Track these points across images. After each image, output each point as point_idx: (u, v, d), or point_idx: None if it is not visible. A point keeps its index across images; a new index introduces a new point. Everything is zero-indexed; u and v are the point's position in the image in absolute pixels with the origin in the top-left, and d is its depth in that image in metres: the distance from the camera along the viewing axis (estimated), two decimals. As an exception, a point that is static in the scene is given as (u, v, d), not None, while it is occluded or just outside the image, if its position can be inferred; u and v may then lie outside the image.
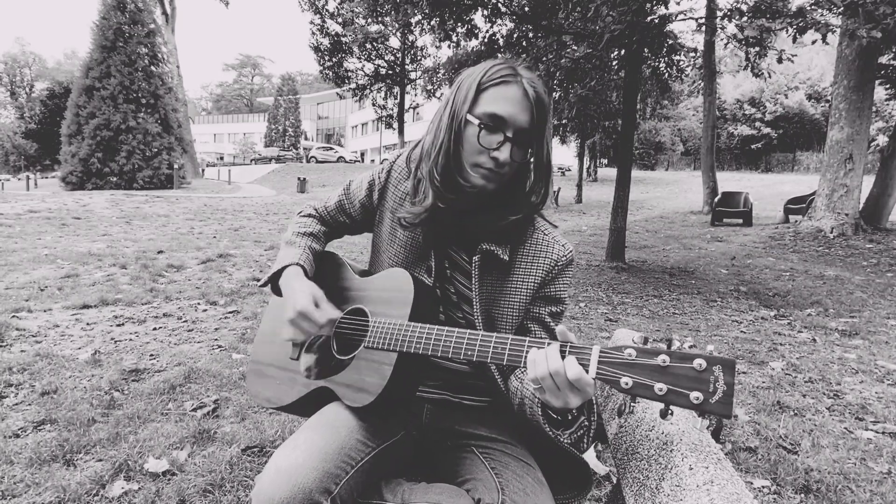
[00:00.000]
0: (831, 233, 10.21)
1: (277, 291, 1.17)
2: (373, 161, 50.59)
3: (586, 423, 0.92)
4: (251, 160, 48.04)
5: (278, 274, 1.15)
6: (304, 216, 1.31)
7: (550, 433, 0.93)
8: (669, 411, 0.76)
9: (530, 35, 8.55)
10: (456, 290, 1.12)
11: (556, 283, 1.10)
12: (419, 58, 31.02)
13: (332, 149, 44.85)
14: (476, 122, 0.98)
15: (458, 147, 1.02)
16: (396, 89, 32.35)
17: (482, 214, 1.06)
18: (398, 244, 1.17)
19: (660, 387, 0.74)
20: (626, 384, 0.77)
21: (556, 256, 1.10)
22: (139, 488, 1.82)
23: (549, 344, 0.86)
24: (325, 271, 1.26)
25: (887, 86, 12.82)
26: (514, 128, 0.98)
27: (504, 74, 0.98)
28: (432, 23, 8.80)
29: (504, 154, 0.97)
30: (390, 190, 1.19)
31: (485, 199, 1.06)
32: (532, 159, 1.03)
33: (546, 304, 1.11)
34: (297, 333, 1.06)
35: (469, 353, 0.91)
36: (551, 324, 1.11)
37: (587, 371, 0.80)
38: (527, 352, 0.87)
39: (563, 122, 24.87)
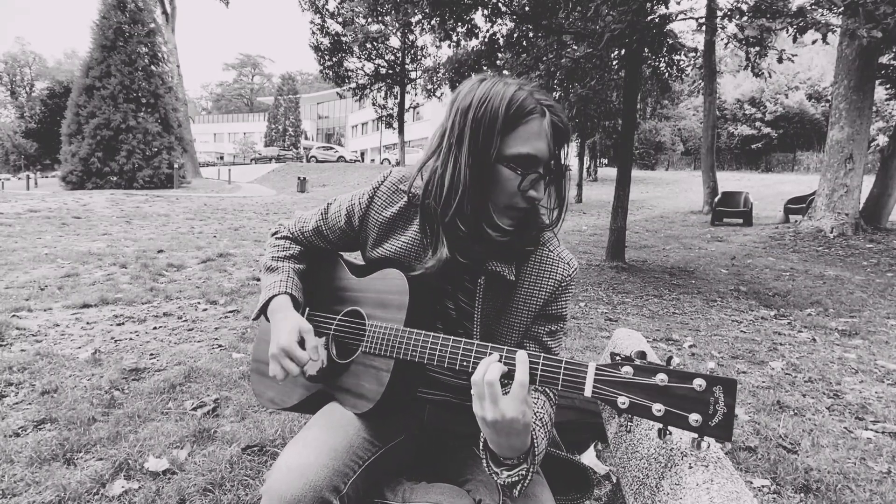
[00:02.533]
0: (831, 233, 10.21)
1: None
2: (373, 161, 50.53)
3: (523, 473, 0.87)
4: (251, 160, 48.04)
5: (267, 305, 1.12)
6: (279, 238, 1.26)
7: (487, 469, 0.90)
8: (667, 432, 0.73)
9: (530, 35, 8.55)
10: (456, 307, 1.07)
11: (559, 301, 1.06)
12: (419, 57, 31.01)
13: (332, 148, 44.81)
14: (513, 166, 0.93)
15: (485, 191, 0.96)
16: (397, 89, 32.35)
17: (495, 244, 1.01)
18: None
19: (658, 407, 0.71)
20: (623, 404, 0.74)
21: (562, 276, 1.04)
22: (139, 487, 1.82)
23: (543, 362, 0.83)
24: (322, 270, 1.25)
25: (887, 86, 12.82)
26: (545, 163, 0.95)
27: (529, 109, 0.92)
28: (432, 22, 8.79)
29: (540, 192, 0.95)
30: (372, 216, 1.13)
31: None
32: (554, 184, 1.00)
33: (546, 323, 1.06)
34: (279, 371, 1.00)
35: (464, 363, 0.90)
36: (549, 342, 1.07)
37: (583, 391, 0.78)
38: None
39: (564, 121, 24.85)
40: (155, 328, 3.82)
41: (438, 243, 1.00)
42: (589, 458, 2.12)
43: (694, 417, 0.69)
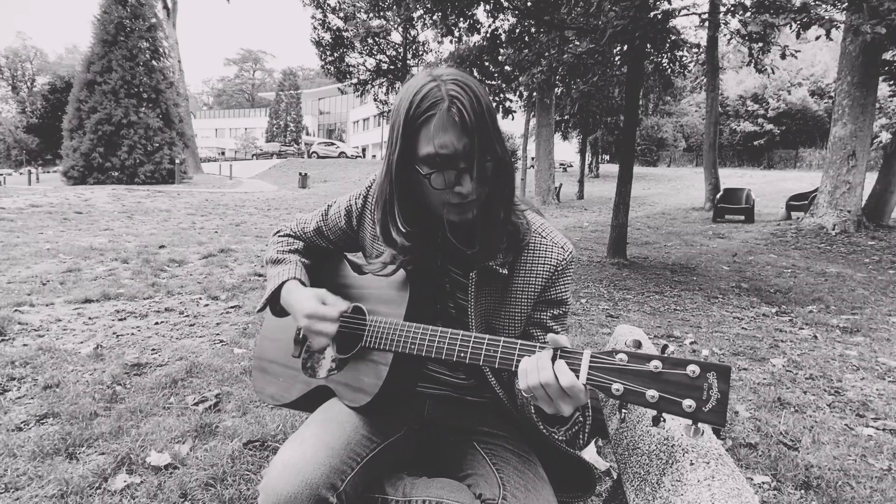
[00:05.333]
0: (833, 230, 10.19)
1: (278, 312, 1.15)
2: (374, 156, 50.47)
3: (581, 420, 0.91)
4: (252, 155, 48.05)
5: (277, 293, 1.12)
6: (283, 235, 1.27)
7: (545, 431, 0.92)
8: (662, 419, 0.74)
9: (532, 30, 8.52)
10: (455, 305, 1.08)
11: (557, 285, 1.05)
12: (421, 53, 30.89)
13: (333, 144, 44.81)
14: (423, 170, 0.91)
15: (416, 194, 0.96)
16: (398, 84, 32.24)
17: (469, 246, 1.00)
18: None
19: (651, 394, 0.72)
20: (617, 390, 0.74)
21: (556, 261, 1.04)
22: (141, 481, 1.83)
23: (539, 349, 0.83)
24: (324, 269, 1.25)
25: (891, 82, 12.73)
26: (463, 155, 0.89)
27: (428, 106, 0.88)
28: (434, 18, 8.77)
29: (466, 186, 0.90)
30: (368, 217, 1.15)
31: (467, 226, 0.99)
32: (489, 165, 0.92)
33: (548, 308, 1.06)
34: (317, 337, 1.02)
35: (462, 354, 0.90)
36: (555, 326, 1.07)
37: (578, 377, 0.78)
38: (518, 357, 0.85)
39: (566, 117, 24.88)
40: (156, 323, 3.82)
41: (384, 246, 1.03)
42: (589, 453, 2.12)
43: (687, 403, 0.69)
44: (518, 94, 10.68)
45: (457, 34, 9.18)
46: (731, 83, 37.43)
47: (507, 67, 8.83)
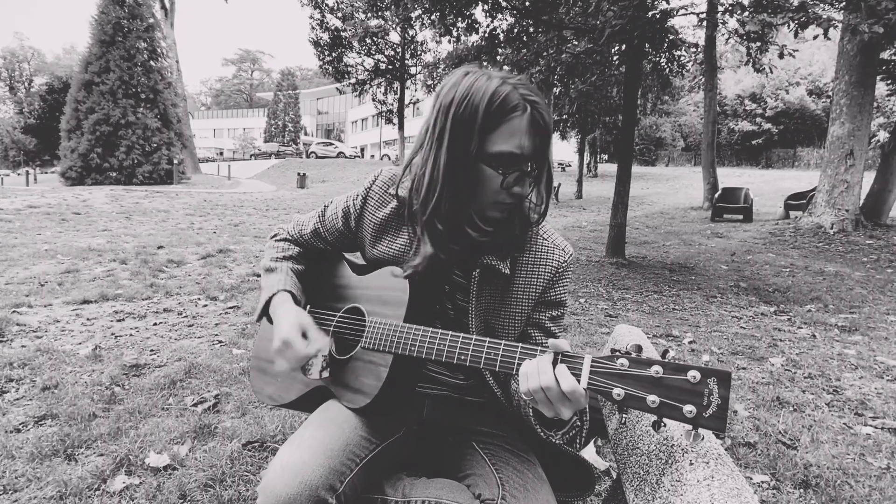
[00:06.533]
0: (831, 229, 10.21)
1: (271, 321, 1.15)
2: (373, 156, 50.45)
3: (578, 423, 0.91)
4: (251, 155, 48.04)
5: (268, 304, 1.12)
6: (279, 240, 1.26)
7: (542, 434, 0.92)
8: (662, 424, 0.74)
9: (531, 30, 8.52)
10: (454, 306, 1.08)
11: (557, 287, 1.07)
12: (419, 53, 30.94)
13: (331, 144, 44.77)
14: (495, 165, 0.93)
15: (467, 189, 0.97)
16: (396, 84, 32.26)
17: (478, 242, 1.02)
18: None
19: (652, 399, 0.72)
20: (618, 395, 0.74)
21: (558, 263, 1.06)
22: (140, 483, 1.82)
23: (540, 353, 0.84)
24: (323, 268, 1.25)
25: (889, 81, 12.78)
26: (532, 158, 0.95)
27: (512, 105, 0.91)
28: (433, 17, 8.77)
29: (525, 188, 0.96)
30: (366, 218, 1.14)
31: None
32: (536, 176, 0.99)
33: (547, 309, 1.08)
34: (284, 364, 1.02)
35: (462, 357, 0.90)
36: (553, 328, 1.08)
37: (579, 381, 0.78)
38: (519, 360, 0.85)
39: (564, 117, 24.91)
40: (155, 324, 3.82)
41: (422, 242, 1.02)
42: (589, 453, 2.12)
43: (688, 409, 0.69)
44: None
45: (455, 34, 9.17)
46: (730, 82, 37.49)
47: (505, 67, 8.84)
